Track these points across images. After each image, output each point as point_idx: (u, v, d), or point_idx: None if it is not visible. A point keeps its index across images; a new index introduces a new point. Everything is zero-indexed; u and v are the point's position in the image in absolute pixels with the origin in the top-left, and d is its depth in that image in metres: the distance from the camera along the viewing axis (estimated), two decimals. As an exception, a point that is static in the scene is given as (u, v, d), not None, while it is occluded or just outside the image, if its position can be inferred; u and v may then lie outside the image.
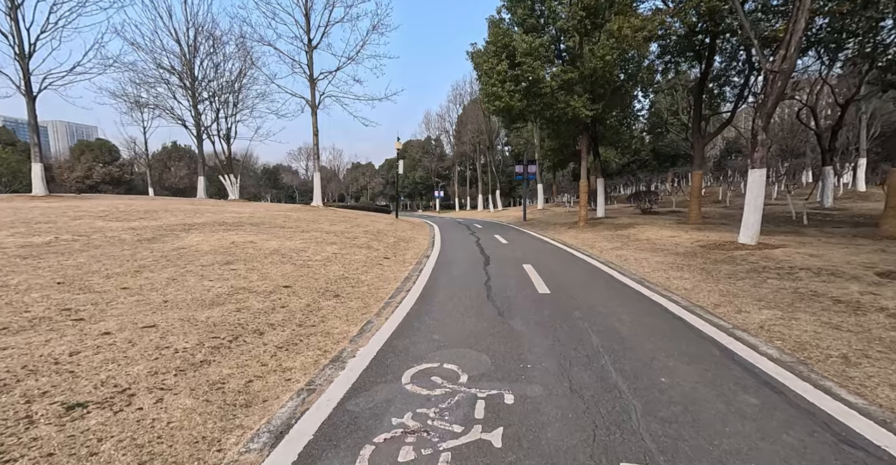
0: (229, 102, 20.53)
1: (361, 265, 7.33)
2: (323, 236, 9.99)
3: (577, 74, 11.52)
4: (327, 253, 7.93)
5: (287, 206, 18.14)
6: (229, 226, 10.16)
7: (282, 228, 10.67)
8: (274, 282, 5.46)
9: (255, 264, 6.34)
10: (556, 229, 15.05)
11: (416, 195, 66.72)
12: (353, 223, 14.04)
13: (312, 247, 8.37)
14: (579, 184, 14.54)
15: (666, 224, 12.67)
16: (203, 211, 13.23)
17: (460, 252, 9.60)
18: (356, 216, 16.85)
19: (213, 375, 2.82)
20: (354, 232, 11.61)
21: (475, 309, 4.68)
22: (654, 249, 8.81)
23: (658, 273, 6.59)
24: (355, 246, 9.21)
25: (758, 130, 7.02)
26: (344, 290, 5.57)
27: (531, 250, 9.85)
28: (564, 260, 8.34)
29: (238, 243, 7.99)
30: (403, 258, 8.66)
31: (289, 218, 13.28)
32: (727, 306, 4.60)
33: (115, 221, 9.54)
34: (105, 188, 41.29)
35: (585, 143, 13.84)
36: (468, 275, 6.71)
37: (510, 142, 42.77)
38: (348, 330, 4.02)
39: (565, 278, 6.49)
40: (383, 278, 6.49)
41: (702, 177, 12.70)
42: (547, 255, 9.10)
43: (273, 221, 12.06)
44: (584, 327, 3.99)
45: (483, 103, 12.76)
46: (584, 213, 14.09)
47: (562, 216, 20.91)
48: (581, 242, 11.23)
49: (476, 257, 8.69)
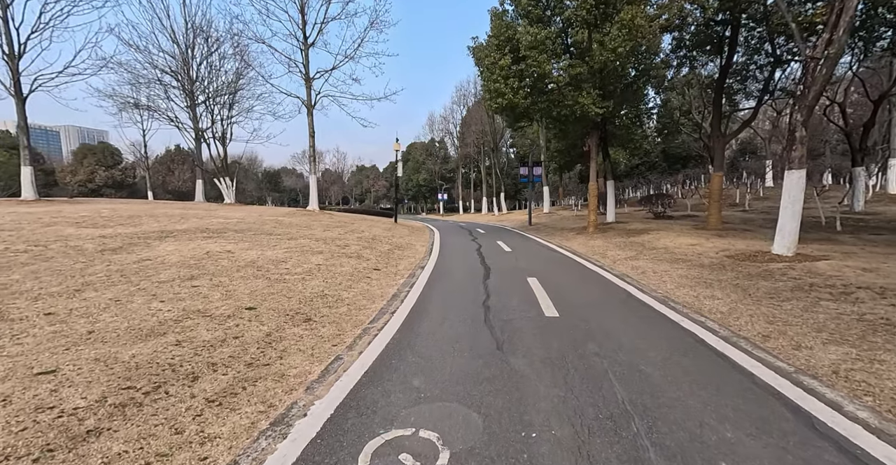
0: (224, 103, 20.01)
1: (346, 279, 6.56)
2: (311, 245, 9.25)
3: (587, 69, 10.70)
4: (310, 264, 7.18)
5: (283, 210, 17.51)
6: (211, 233, 9.47)
7: (268, 236, 9.96)
8: (237, 302, 4.71)
9: (223, 278, 5.60)
10: (564, 235, 14.18)
11: (420, 198, 66.09)
12: (348, 229, 13.31)
13: (295, 257, 7.63)
14: (588, 186, 13.67)
15: (683, 230, 11.76)
16: (190, 216, 12.60)
17: (459, 262, 8.79)
18: (353, 221, 16.14)
19: (95, 457, 2.04)
20: (347, 239, 10.87)
21: (469, 339, 3.88)
22: (675, 259, 7.93)
23: (683, 290, 5.73)
24: (344, 255, 8.45)
25: (796, 126, 6.15)
26: (318, 311, 4.79)
27: (536, 260, 9.02)
28: (574, 272, 7.49)
29: (213, 252, 7.27)
30: (395, 270, 7.88)
31: (280, 223, 12.59)
32: (780, 339, 3.74)
33: (88, 228, 8.89)
34: (107, 192, 41.16)
35: (595, 143, 12.98)
36: (465, 291, 5.90)
37: (515, 143, 41.95)
38: (309, 371, 3.23)
39: (575, 295, 5.65)
40: (368, 296, 5.71)
41: (722, 179, 11.79)
42: (554, 266, 8.27)
43: (261, 227, 11.36)
44: (603, 368, 3.17)
45: (485, 101, 12.00)
46: (593, 217, 13.22)
47: (569, 220, 20.01)
48: (591, 250, 10.37)
49: (476, 268, 7.88)
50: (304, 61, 16.67)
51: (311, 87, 16.79)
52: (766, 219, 14.15)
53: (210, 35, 19.17)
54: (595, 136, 13.01)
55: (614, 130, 14.55)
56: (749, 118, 11.51)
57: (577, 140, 17.35)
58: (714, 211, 11.52)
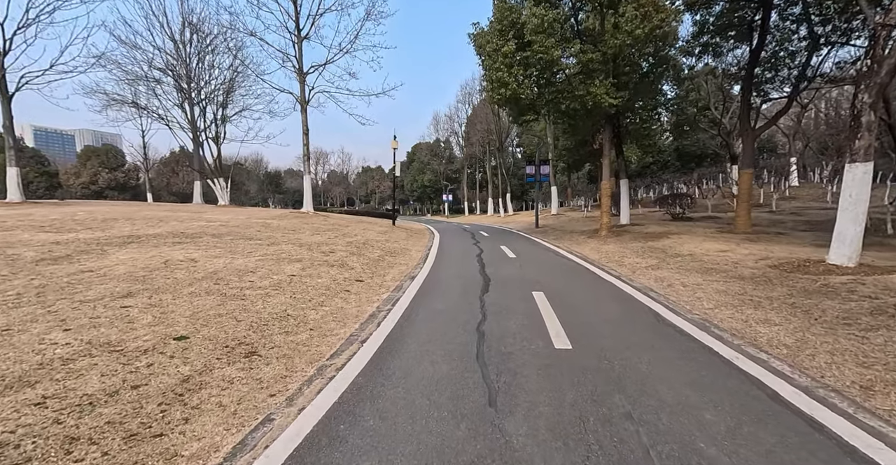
0: (218, 101, 19.31)
1: (319, 294, 5.60)
2: (292, 251, 8.32)
3: (599, 55, 9.63)
4: (282, 275, 6.23)
5: (276, 212, 16.70)
6: (184, 238, 8.60)
7: (248, 241, 9.06)
8: (168, 329, 3.76)
9: (166, 296, 4.66)
10: (574, 239, 13.07)
11: (425, 199, 65.20)
12: (340, 232, 12.38)
13: (268, 266, 6.69)
14: (600, 186, 12.55)
15: (707, 233, 10.59)
16: (172, 219, 11.79)
17: (456, 270, 7.78)
18: (348, 224, 15.23)
19: None
20: (334, 244, 9.93)
21: (453, 386, 2.87)
22: (706, 269, 6.82)
23: (726, 311, 4.64)
24: (325, 264, 7.49)
25: (863, 109, 5.04)
26: (270, 340, 3.82)
27: (543, 269, 7.96)
28: (587, 284, 6.43)
29: (173, 261, 6.37)
30: (381, 281, 6.89)
31: (267, 226, 11.71)
32: (892, 393, 2.66)
33: (47, 233, 8.07)
34: (111, 194, 40.99)
35: (608, 138, 11.87)
36: (457, 311, 4.89)
37: (522, 142, 40.80)
38: (216, 445, 2.25)
39: (591, 316, 4.61)
40: (340, 317, 4.73)
41: (752, 177, 10.60)
42: (564, 276, 7.21)
43: (244, 231, 10.48)
44: (642, 446, 2.14)
45: (487, 92, 11.01)
46: (606, 219, 12.10)
47: (579, 222, 18.86)
48: (605, 256, 9.27)
49: (474, 279, 6.86)
50: (298, 55, 15.84)
51: (304, 82, 15.95)
52: (798, 221, 12.90)
53: (203, 30, 18.48)
54: (608, 131, 11.90)
55: (629, 125, 13.40)
56: (783, 109, 10.31)
57: (587, 136, 16.21)
58: (743, 212, 10.33)
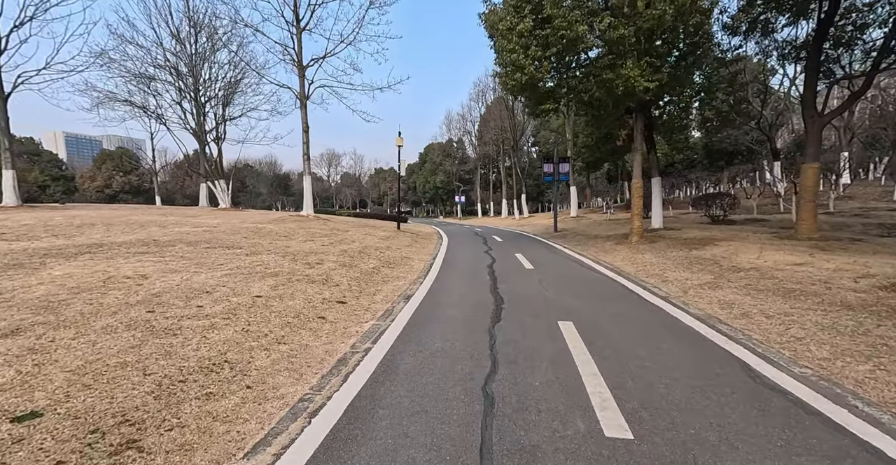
0: (218, 99, 18.50)
1: (284, 324, 4.33)
2: (272, 262, 7.12)
3: (633, 31, 8.14)
4: (245, 297, 4.99)
5: (275, 215, 15.70)
6: (154, 247, 7.53)
7: (226, 250, 7.93)
8: (19, 398, 2.53)
9: (66, 332, 3.46)
10: (600, 246, 11.52)
11: (437, 201, 64.01)
12: (336, 239, 11.19)
13: (232, 284, 5.48)
14: (630, 186, 10.98)
15: (763, 240, 8.92)
16: (155, 224, 10.81)
17: (462, 287, 6.42)
18: (348, 228, 14.05)
19: None
20: (326, 253, 8.71)
21: None
22: (786, 291, 5.26)
23: (858, 366, 3.14)
24: (305, 280, 6.24)
25: None
26: (174, 414, 2.55)
27: (569, 285, 6.51)
28: (629, 310, 4.97)
29: (116, 279, 5.22)
30: (369, 303, 5.59)
31: (256, 232, 10.61)
32: None
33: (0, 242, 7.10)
34: (124, 197, 41.25)
35: (640, 129, 10.27)
36: (458, 354, 3.53)
37: (538, 140, 39.11)
38: None
39: (649, 369, 3.17)
40: (298, 363, 3.44)
41: (818, 173, 8.88)
42: (595, 296, 5.75)
43: (229, 238, 9.39)
44: None
45: (500, 78, 9.63)
46: (638, 223, 10.51)
47: (602, 226, 17.20)
48: (643, 269, 7.75)
49: (483, 301, 5.49)
50: (297, 47, 14.79)
51: (304, 76, 14.90)
52: (868, 224, 11.03)
53: (202, 22, 17.70)
54: (640, 121, 10.31)
55: (662, 115, 11.73)
56: (859, 90, 8.56)
57: (612, 130, 14.59)
58: (807, 215, 8.62)
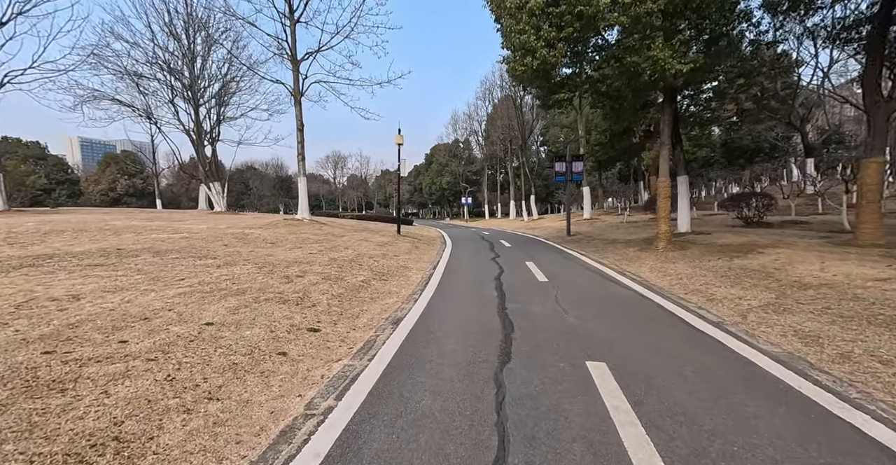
0: (212, 95, 17.73)
1: (229, 366, 3.28)
2: (244, 276, 6.12)
3: (661, 4, 6.98)
4: (191, 325, 3.96)
5: (268, 219, 14.79)
6: (113, 257, 6.61)
7: (197, 260, 6.97)
8: None
9: None
10: (621, 252, 10.32)
11: (444, 202, 62.98)
12: (328, 245, 10.18)
13: (182, 306, 4.47)
14: (656, 184, 9.78)
15: (817, 247, 7.65)
16: (131, 230, 9.93)
17: (463, 308, 5.32)
18: (344, 233, 13.06)
19: None
20: (312, 263, 7.69)
21: None
22: (889, 319, 4.06)
23: None
24: (277, 299, 5.20)
25: None
26: None
27: (593, 304, 5.37)
28: (680, 346, 3.81)
29: (38, 300, 4.27)
30: (348, 329, 4.53)
31: (241, 239, 9.67)
32: None
33: (-68, 254, 6.24)
34: (129, 200, 41.00)
35: (668, 121, 9.05)
36: (451, 422, 2.42)
37: (547, 139, 37.82)
38: None
39: (736, 458, 2.03)
40: (224, 439, 2.37)
41: (883, 168, 7.61)
42: (630, 322, 4.60)
43: (206, 245, 8.45)
44: None
45: (509, 64, 8.52)
46: (665, 227, 9.30)
47: (619, 230, 15.93)
48: (679, 282, 6.56)
49: (488, 328, 4.38)
50: (291, 40, 13.88)
51: (298, 70, 13.98)
52: (931, 227, 9.63)
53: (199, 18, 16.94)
54: (667, 111, 9.10)
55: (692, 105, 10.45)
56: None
57: (633, 124, 13.39)
58: (870, 217, 7.35)
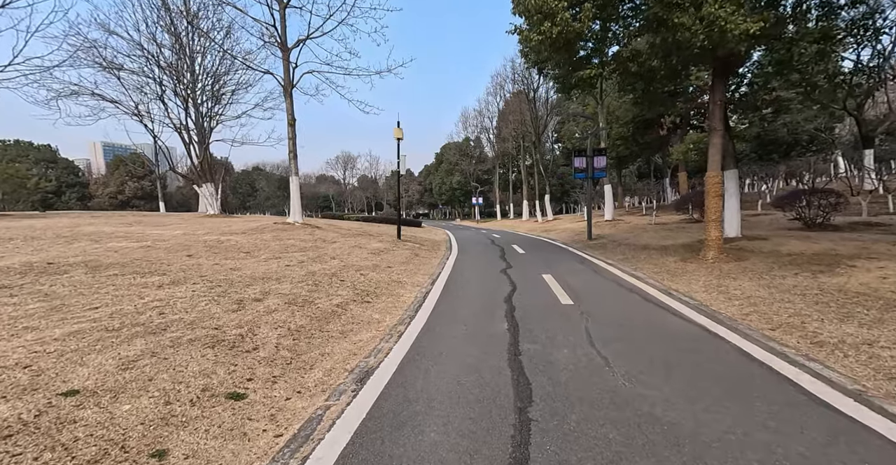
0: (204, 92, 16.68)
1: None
2: (182, 302, 4.77)
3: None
4: (39, 398, 2.56)
5: (256, 224, 13.58)
6: (36, 274, 5.40)
7: (140, 277, 5.67)
8: None
9: None
10: (659, 262, 8.66)
11: (454, 202, 61.47)
12: (314, 254, 8.81)
13: (51, 359, 3.11)
14: (706, 179, 8.06)
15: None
16: (90, 237, 8.75)
17: (462, 348, 3.82)
18: (337, 239, 11.70)
19: None
20: (281, 279, 6.31)
21: None
22: None
23: None
24: (204, 340, 3.80)
25: None
26: None
27: (645, 350, 3.77)
28: (816, 449, 2.24)
29: None
30: (288, 394, 3.08)
31: (212, 248, 8.37)
32: None
33: None
34: (138, 203, 40.80)
35: (719, 100, 7.25)
36: None
37: (562, 136, 35.93)
38: None
39: None
40: None
41: None
42: (710, 383, 3.01)
43: (164, 257, 7.16)
44: None
45: (521, 35, 6.95)
46: (716, 233, 7.60)
47: (648, 233, 14.15)
48: (753, 310, 4.91)
49: (493, 392, 2.87)
50: (280, 26, 12.61)
51: (288, 59, 12.71)
52: None
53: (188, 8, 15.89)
54: (719, 89, 7.33)
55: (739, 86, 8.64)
56: None
57: (666, 109, 11.65)
58: None
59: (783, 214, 10.52)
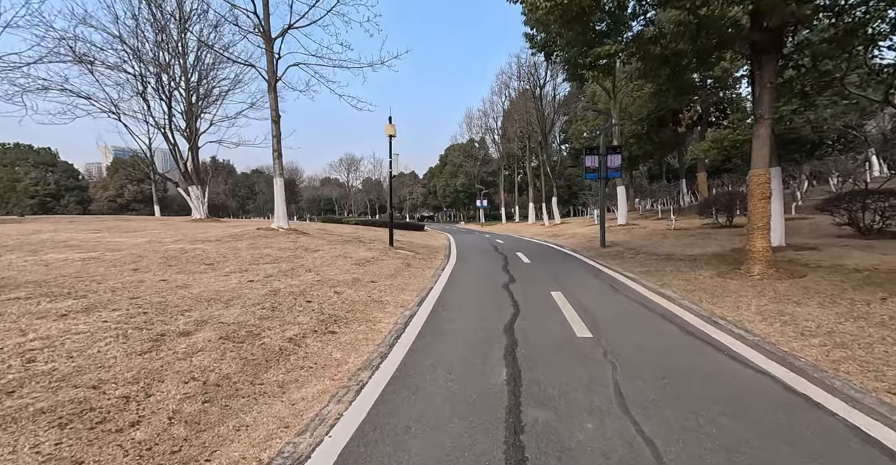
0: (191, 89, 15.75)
1: None
2: (72, 341, 3.62)
3: None
4: None
5: (237, 229, 12.50)
6: None
7: (52, 301, 4.54)
8: None
9: None
10: (689, 277, 7.35)
11: (458, 205, 60.28)
12: (287, 266, 7.66)
13: None
14: (749, 177, 6.75)
15: None
16: (33, 245, 7.72)
17: (443, 421, 2.59)
18: (321, 246, 10.55)
19: None
20: (233, 300, 5.15)
21: None
22: None
23: None
24: (60, 414, 2.59)
25: None
26: None
27: (704, 427, 2.51)
28: None
29: None
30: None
31: (171, 258, 7.26)
32: None
33: None
34: (137, 207, 40.26)
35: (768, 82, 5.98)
36: None
37: (569, 137, 34.58)
38: None
39: None
40: None
41: None
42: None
43: (104, 272, 6.06)
44: None
45: (527, 5, 5.82)
46: (763, 244, 6.28)
47: (668, 239, 12.78)
48: (843, 353, 3.63)
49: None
50: (263, 13, 11.57)
51: (272, 50, 11.66)
52: None
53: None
54: (768, 69, 5.97)
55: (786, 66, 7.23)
56: None
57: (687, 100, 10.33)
58: None
59: (832, 218, 9.10)
